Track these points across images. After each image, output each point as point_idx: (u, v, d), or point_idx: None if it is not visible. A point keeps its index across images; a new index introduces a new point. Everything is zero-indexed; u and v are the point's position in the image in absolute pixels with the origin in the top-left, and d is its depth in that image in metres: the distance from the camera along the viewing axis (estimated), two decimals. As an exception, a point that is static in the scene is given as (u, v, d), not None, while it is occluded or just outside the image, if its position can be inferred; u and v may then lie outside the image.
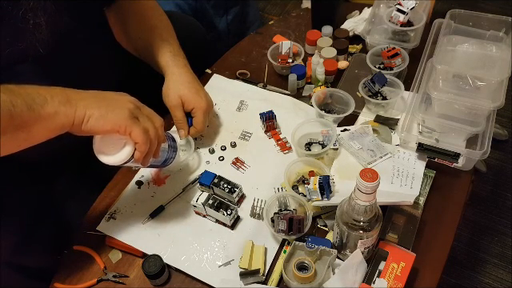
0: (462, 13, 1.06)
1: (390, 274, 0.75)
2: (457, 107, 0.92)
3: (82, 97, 0.67)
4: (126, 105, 0.70)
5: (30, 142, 0.65)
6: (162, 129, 0.76)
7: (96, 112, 0.66)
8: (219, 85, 1.13)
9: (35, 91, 0.64)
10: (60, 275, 0.83)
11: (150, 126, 0.72)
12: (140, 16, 0.98)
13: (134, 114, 0.70)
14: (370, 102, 1.02)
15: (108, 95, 0.71)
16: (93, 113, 0.66)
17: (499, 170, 1.71)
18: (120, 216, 0.89)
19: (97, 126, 0.66)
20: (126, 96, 0.73)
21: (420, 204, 0.86)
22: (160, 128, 0.75)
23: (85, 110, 0.65)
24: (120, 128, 0.68)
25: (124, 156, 0.70)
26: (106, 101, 0.69)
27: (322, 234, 0.85)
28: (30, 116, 0.62)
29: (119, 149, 0.71)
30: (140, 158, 0.72)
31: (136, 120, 0.70)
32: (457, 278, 1.45)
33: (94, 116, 0.66)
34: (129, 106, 0.70)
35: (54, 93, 0.65)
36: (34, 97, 0.62)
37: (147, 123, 0.72)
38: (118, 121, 0.68)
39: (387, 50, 1.07)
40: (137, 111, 0.71)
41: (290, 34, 1.27)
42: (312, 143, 0.97)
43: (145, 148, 0.71)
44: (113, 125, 0.67)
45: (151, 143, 0.72)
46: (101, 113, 0.66)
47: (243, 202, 0.90)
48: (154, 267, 0.78)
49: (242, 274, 0.78)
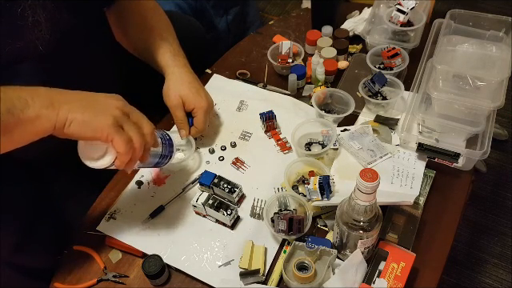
0: (462, 13, 1.06)
1: (390, 274, 0.75)
2: (457, 107, 0.92)
3: (67, 99, 0.64)
4: (111, 111, 0.66)
5: (14, 145, 0.63)
6: (151, 136, 0.72)
7: (78, 117, 0.63)
8: (219, 85, 1.13)
9: (16, 94, 0.61)
10: (60, 275, 0.83)
11: (135, 135, 0.68)
12: (140, 16, 0.98)
13: (118, 122, 0.66)
14: (370, 102, 1.02)
15: (95, 98, 0.68)
16: (75, 117, 0.63)
17: (499, 170, 1.71)
18: (120, 216, 0.89)
19: (78, 131, 0.64)
20: (114, 100, 0.69)
21: (420, 204, 0.86)
22: (149, 135, 0.71)
23: (67, 113, 0.63)
24: (101, 136, 0.65)
25: (105, 162, 0.68)
26: (91, 105, 0.66)
27: (322, 234, 0.85)
28: (9, 120, 0.59)
29: (101, 154, 0.68)
30: (121, 166, 0.69)
31: (119, 129, 0.66)
32: (457, 278, 1.45)
33: (75, 121, 0.63)
34: (114, 113, 0.66)
35: (36, 95, 0.62)
36: (14, 101, 0.60)
37: (132, 131, 0.68)
38: (99, 128, 0.64)
39: (387, 50, 1.07)
40: (123, 118, 0.67)
41: (290, 34, 1.27)
42: (312, 143, 0.97)
43: (126, 158, 0.68)
44: (94, 132, 0.65)
45: (135, 151, 0.69)
46: (83, 118, 0.64)
47: (243, 201, 0.90)
48: (153, 267, 0.78)
49: (242, 274, 0.78)
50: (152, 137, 0.72)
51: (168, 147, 0.83)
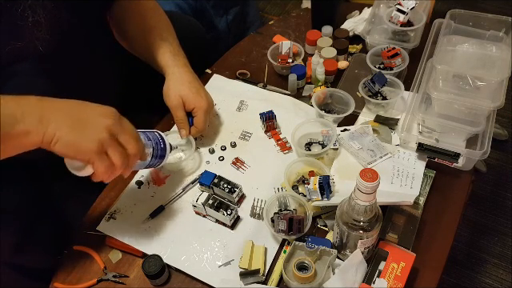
0: (462, 13, 1.06)
1: (390, 274, 0.75)
2: (457, 107, 0.92)
3: (56, 116, 0.64)
4: (98, 134, 0.65)
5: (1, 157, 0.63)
6: (136, 157, 0.71)
7: (64, 137, 0.63)
8: (219, 85, 1.13)
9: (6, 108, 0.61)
10: (60, 275, 0.83)
11: (118, 159, 0.67)
12: (140, 16, 0.98)
13: (103, 147, 0.66)
14: (370, 102, 1.02)
15: (87, 115, 0.67)
16: (61, 137, 0.63)
17: (499, 170, 1.71)
18: (120, 216, 0.89)
19: (61, 151, 0.64)
20: (106, 118, 0.67)
21: (420, 204, 0.86)
22: (134, 157, 0.71)
23: (54, 131, 0.63)
24: (83, 159, 0.66)
25: (86, 173, 0.68)
26: (79, 124, 0.65)
27: (322, 234, 0.85)
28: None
29: (82, 165, 0.69)
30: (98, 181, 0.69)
31: (102, 155, 0.66)
32: (457, 278, 1.45)
33: (61, 141, 0.63)
34: (101, 136, 0.65)
35: (26, 110, 0.62)
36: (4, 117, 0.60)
37: (116, 156, 0.67)
38: (82, 152, 0.65)
39: (387, 50, 1.07)
40: (109, 142, 0.66)
41: (290, 33, 1.27)
42: (312, 143, 0.97)
43: (103, 177, 0.68)
44: (76, 154, 0.65)
45: (115, 171, 0.69)
46: (68, 139, 0.64)
47: (243, 201, 0.90)
48: (153, 267, 0.78)
49: (242, 274, 0.78)
50: (136, 158, 0.72)
51: (159, 152, 0.82)
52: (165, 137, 0.84)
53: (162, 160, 0.84)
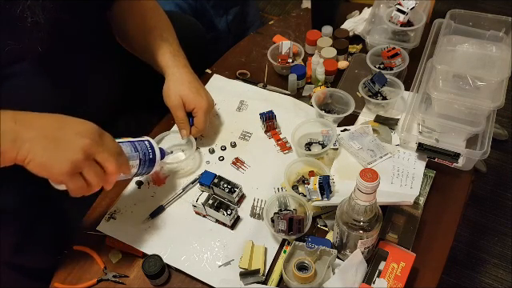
0: (462, 13, 1.06)
1: (390, 274, 0.75)
2: (457, 107, 0.92)
3: (30, 136, 0.63)
4: (72, 155, 0.64)
5: None
6: (114, 175, 0.70)
7: (37, 158, 0.62)
8: (219, 85, 1.13)
9: None
10: (60, 275, 0.83)
11: (93, 179, 0.66)
12: (140, 16, 0.98)
13: (76, 168, 0.64)
14: (370, 102, 1.02)
15: (63, 134, 0.65)
16: (33, 158, 0.62)
17: (499, 170, 1.71)
18: (120, 216, 0.89)
19: (34, 170, 0.63)
20: (83, 138, 0.65)
21: (420, 204, 0.86)
22: (111, 175, 0.69)
23: (27, 152, 0.62)
24: (56, 180, 0.65)
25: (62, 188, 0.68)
26: (54, 145, 0.63)
27: (322, 234, 0.85)
28: None
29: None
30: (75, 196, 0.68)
31: (74, 176, 0.65)
32: (457, 278, 1.45)
33: (33, 162, 0.63)
34: (75, 158, 0.64)
35: (1, 128, 0.61)
36: None
37: (91, 176, 0.66)
38: (54, 173, 0.64)
39: (387, 50, 1.07)
40: (83, 163, 0.65)
41: (290, 34, 1.27)
42: (312, 143, 0.97)
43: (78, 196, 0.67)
44: (49, 175, 0.64)
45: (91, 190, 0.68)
46: (41, 160, 0.63)
47: (243, 201, 0.90)
48: (153, 267, 0.78)
49: (242, 274, 0.78)
50: (114, 176, 0.70)
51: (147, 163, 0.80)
52: (155, 145, 0.82)
53: (150, 169, 0.82)
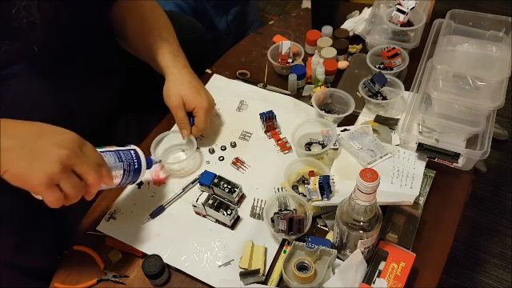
0: (462, 13, 1.06)
1: (390, 274, 0.75)
2: (457, 107, 0.92)
3: (8, 146, 0.62)
4: (49, 167, 0.62)
5: None
6: (94, 187, 0.68)
7: (12, 170, 0.62)
8: (219, 85, 1.13)
9: None
10: (60, 275, 0.83)
11: (71, 191, 0.65)
12: (139, 16, 0.98)
13: (53, 180, 0.63)
14: (370, 102, 1.02)
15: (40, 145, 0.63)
16: (9, 169, 0.62)
17: (499, 170, 1.71)
18: (120, 216, 0.89)
19: (10, 180, 0.63)
20: (61, 149, 0.64)
21: (420, 204, 0.86)
22: (93, 186, 0.68)
23: (4, 162, 0.62)
24: (32, 191, 0.64)
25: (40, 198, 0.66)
26: (30, 156, 0.62)
27: (322, 234, 0.85)
28: None
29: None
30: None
31: (50, 187, 0.63)
32: (457, 278, 1.45)
33: (9, 172, 0.62)
34: (51, 170, 0.62)
35: None
36: None
37: (68, 188, 0.64)
38: (29, 184, 0.63)
39: (387, 50, 1.07)
40: (60, 175, 0.63)
41: (290, 34, 1.27)
42: (312, 143, 0.97)
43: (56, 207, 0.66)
44: (24, 186, 0.63)
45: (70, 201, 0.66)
46: (17, 171, 0.62)
47: (243, 201, 0.90)
48: (153, 267, 0.78)
49: (242, 274, 0.78)
50: (94, 187, 0.69)
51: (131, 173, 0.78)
52: (141, 154, 0.81)
53: (136, 179, 0.80)
